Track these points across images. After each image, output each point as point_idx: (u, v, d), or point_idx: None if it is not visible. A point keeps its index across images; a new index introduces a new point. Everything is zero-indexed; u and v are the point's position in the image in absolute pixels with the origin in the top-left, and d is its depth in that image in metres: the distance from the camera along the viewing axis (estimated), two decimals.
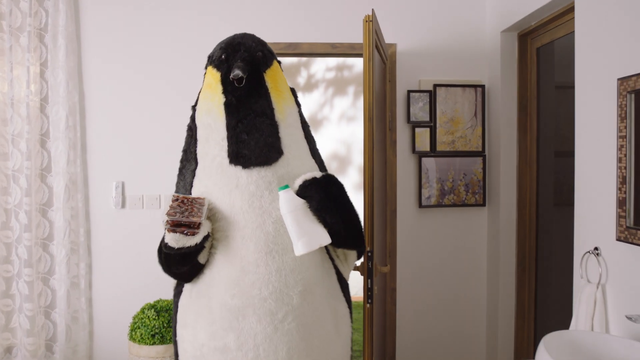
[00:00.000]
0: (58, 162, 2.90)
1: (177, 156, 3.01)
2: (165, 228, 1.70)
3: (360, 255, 1.96)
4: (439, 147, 3.14)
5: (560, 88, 3.03)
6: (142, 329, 2.69)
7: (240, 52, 1.81)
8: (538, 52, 2.95)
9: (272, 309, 1.70)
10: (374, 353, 2.36)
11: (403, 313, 3.18)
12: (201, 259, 1.77)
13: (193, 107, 1.93)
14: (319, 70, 6.13)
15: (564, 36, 2.62)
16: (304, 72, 6.30)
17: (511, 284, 3.06)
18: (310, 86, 6.22)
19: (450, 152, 3.16)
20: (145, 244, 3.01)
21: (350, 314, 1.97)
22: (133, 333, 2.73)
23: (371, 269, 2.09)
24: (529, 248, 3.02)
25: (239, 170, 1.74)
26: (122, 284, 3.03)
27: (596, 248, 2.06)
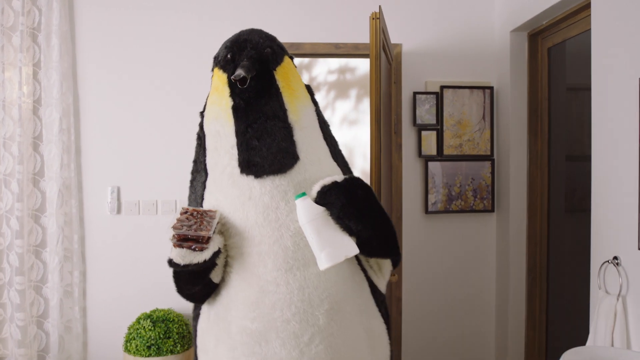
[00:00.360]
0: (51, 166, 2.83)
1: (176, 160, 2.96)
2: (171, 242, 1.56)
3: (396, 264, 1.79)
4: (446, 151, 3.05)
5: (572, 90, 2.93)
6: (138, 340, 2.64)
7: (246, 50, 1.66)
8: (549, 52, 2.85)
9: (297, 332, 1.56)
10: None
11: (409, 324, 3.08)
12: (214, 278, 1.64)
13: (201, 114, 1.78)
14: (321, 72, 6.05)
15: (577, 35, 2.53)
16: (306, 75, 6.23)
17: (521, 294, 2.96)
18: (312, 89, 6.15)
19: (457, 156, 3.06)
20: (141, 252, 2.94)
21: (388, 332, 1.80)
22: (128, 344, 2.67)
23: None
24: (540, 256, 2.91)
25: (251, 180, 1.59)
26: (118, 293, 2.95)
27: (615, 257, 1.96)
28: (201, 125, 1.76)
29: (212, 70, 1.75)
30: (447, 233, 3.11)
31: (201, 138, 1.76)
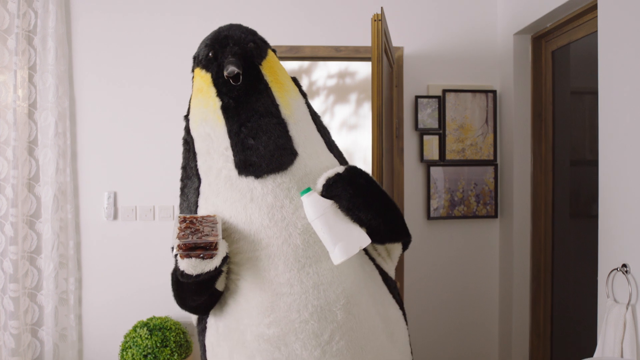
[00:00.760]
0: (46, 171, 2.78)
1: (173, 165, 2.90)
2: (176, 255, 1.46)
3: (406, 246, 1.75)
4: (449, 156, 3.00)
5: (576, 93, 2.88)
6: (134, 349, 2.58)
7: (229, 47, 1.59)
8: (553, 56, 2.81)
9: (316, 331, 1.51)
10: None
11: (411, 331, 3.02)
12: (219, 286, 1.58)
13: (185, 117, 1.71)
14: (321, 77, 6.01)
15: (582, 38, 2.48)
16: (305, 79, 6.19)
17: (525, 301, 2.90)
18: (311, 94, 6.10)
19: (460, 161, 3.01)
20: (138, 258, 2.89)
21: (404, 316, 1.77)
22: (124, 353, 2.61)
23: None
24: (544, 262, 2.86)
25: (251, 181, 1.53)
26: (114, 301, 2.89)
27: (624, 265, 1.90)
28: (187, 129, 1.69)
29: (192, 71, 1.68)
30: (450, 239, 3.06)
31: (189, 142, 1.69)
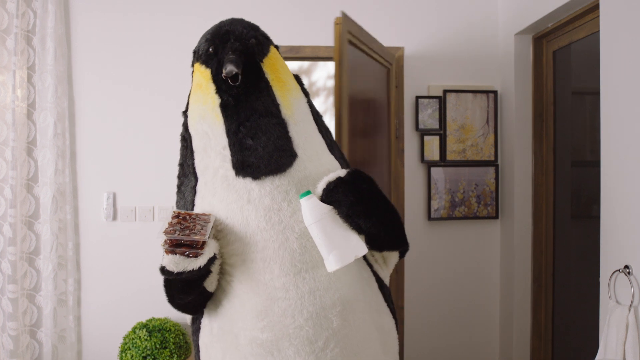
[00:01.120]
0: (45, 172, 2.76)
1: (172, 165, 2.88)
2: (163, 249, 1.45)
3: (403, 254, 1.73)
4: (449, 156, 2.99)
5: (577, 94, 2.87)
6: (133, 350, 2.57)
7: (230, 42, 1.55)
8: (554, 56, 2.80)
9: (311, 337, 1.48)
10: None
11: (411, 332, 3.01)
12: (209, 287, 1.55)
13: (184, 113, 1.68)
14: (321, 77, 6.00)
15: (584, 38, 2.47)
16: (305, 80, 6.19)
17: (526, 302, 2.89)
18: (311, 94, 6.11)
19: (460, 162, 3.00)
20: (137, 259, 2.87)
21: (396, 326, 1.74)
22: (123, 354, 2.60)
23: None
24: (546, 263, 2.85)
25: (249, 182, 1.49)
26: (113, 302, 2.88)
27: (627, 266, 1.89)
28: (185, 125, 1.65)
29: (192, 65, 1.64)
30: (450, 240, 3.05)
31: (187, 139, 1.65)
